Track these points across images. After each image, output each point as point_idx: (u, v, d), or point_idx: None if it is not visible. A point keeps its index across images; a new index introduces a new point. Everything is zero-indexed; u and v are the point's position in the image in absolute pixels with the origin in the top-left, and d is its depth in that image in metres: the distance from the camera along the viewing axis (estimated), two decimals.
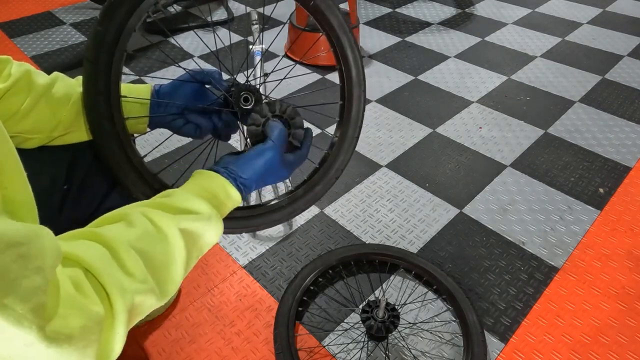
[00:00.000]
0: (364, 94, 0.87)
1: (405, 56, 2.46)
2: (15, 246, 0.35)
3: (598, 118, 2.00)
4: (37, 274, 0.36)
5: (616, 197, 1.59)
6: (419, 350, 1.13)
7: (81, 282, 0.44)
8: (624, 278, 1.31)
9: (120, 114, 0.68)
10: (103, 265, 0.46)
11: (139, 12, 0.66)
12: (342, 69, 0.85)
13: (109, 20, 0.64)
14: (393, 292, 1.26)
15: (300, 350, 1.11)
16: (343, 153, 0.88)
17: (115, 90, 0.67)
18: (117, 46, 0.65)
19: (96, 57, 0.64)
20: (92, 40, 0.64)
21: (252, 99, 0.77)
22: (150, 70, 2.28)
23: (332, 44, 0.84)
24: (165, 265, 0.53)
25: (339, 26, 0.82)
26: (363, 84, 0.87)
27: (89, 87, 0.66)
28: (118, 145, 0.68)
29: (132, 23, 0.66)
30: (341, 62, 0.85)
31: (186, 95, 0.79)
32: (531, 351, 1.14)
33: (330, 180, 0.88)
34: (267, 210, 0.82)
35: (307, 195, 0.86)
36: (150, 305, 0.51)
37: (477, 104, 2.08)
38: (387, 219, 1.49)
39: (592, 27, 2.79)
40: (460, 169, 1.70)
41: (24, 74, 0.67)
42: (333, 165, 0.88)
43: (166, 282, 0.53)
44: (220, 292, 1.26)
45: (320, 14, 0.81)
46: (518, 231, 1.45)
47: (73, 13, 2.89)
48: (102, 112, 0.66)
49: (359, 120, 0.88)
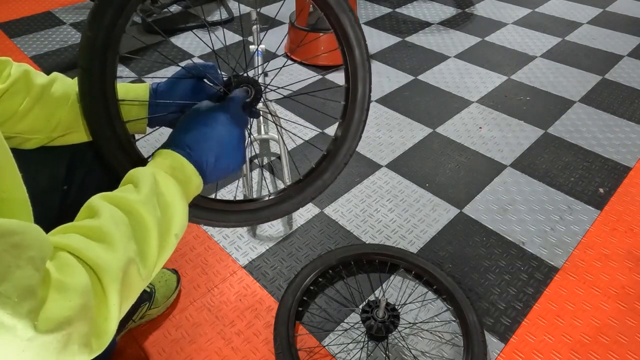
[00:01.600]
0: (369, 75, 0.84)
1: (405, 56, 2.46)
2: (8, 235, 0.35)
3: (598, 118, 2.00)
4: (29, 264, 0.36)
5: (616, 197, 1.59)
6: (419, 350, 1.13)
7: (65, 259, 0.44)
8: (624, 278, 1.31)
9: (119, 118, 0.67)
10: (82, 245, 0.46)
11: (127, 12, 0.64)
12: (345, 49, 0.82)
13: (98, 24, 0.62)
14: (393, 292, 1.26)
15: (300, 350, 1.11)
16: (350, 138, 0.85)
17: (112, 95, 0.65)
18: (109, 50, 0.63)
19: (89, 64, 0.63)
20: (83, 47, 0.62)
21: (252, 91, 0.77)
22: (150, 70, 2.28)
23: (332, 25, 0.80)
24: (141, 239, 0.52)
25: (338, 5, 0.78)
26: (367, 64, 0.83)
27: (86, 94, 0.64)
28: (120, 148, 0.67)
29: (121, 24, 0.63)
30: (343, 42, 0.81)
31: (184, 92, 0.78)
32: (531, 351, 1.13)
33: (339, 166, 0.86)
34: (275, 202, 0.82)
35: (315, 183, 0.84)
36: (134, 278, 0.50)
37: (477, 104, 2.08)
38: (387, 219, 1.49)
39: (592, 27, 2.79)
40: (460, 169, 1.70)
41: (23, 74, 0.66)
42: (341, 151, 0.86)
43: (144, 254, 0.52)
44: (220, 292, 1.26)
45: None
46: (518, 231, 1.45)
47: (73, 13, 2.89)
48: (101, 118, 0.65)
49: (366, 103, 0.85)
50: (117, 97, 0.67)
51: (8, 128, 0.66)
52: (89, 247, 0.46)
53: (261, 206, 0.82)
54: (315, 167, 0.86)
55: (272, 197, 0.83)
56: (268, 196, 0.83)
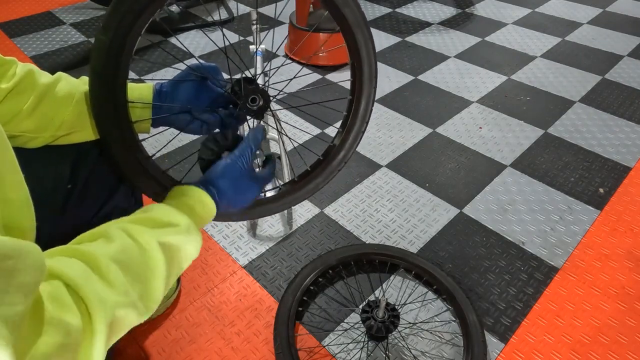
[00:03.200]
0: (374, 91, 0.85)
1: (405, 56, 2.46)
2: (1, 259, 0.34)
3: (598, 118, 2.00)
4: (19, 292, 0.35)
5: (616, 197, 1.59)
6: (419, 350, 1.13)
7: (60, 294, 0.42)
8: (624, 278, 1.31)
9: (128, 120, 0.67)
10: (82, 278, 0.45)
11: (145, 17, 0.62)
12: (355, 65, 0.82)
13: (114, 28, 0.60)
14: (393, 292, 1.26)
15: (300, 350, 1.11)
16: (348, 147, 0.87)
17: (122, 98, 0.66)
18: (123, 54, 0.62)
19: (102, 68, 0.62)
20: (96, 51, 0.62)
21: (259, 100, 0.77)
22: (150, 70, 2.28)
23: (345, 39, 0.80)
24: (146, 279, 0.53)
25: (354, 21, 0.77)
26: (374, 81, 0.84)
27: (96, 96, 0.65)
28: (127, 149, 0.68)
29: (137, 28, 0.62)
30: (354, 58, 0.82)
31: (188, 92, 0.78)
32: (531, 351, 1.14)
33: (334, 171, 0.87)
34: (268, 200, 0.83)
35: (308, 185, 0.86)
36: (131, 321, 0.50)
37: (477, 104, 2.08)
38: (387, 219, 1.49)
39: (592, 27, 2.79)
40: (460, 169, 1.70)
41: (27, 73, 0.67)
42: (337, 158, 0.87)
43: (148, 296, 0.52)
44: (220, 292, 1.26)
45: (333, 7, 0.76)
46: (518, 231, 1.45)
47: (73, 13, 2.89)
48: (110, 120, 0.66)
49: (367, 116, 0.87)
50: (127, 99, 0.67)
51: (13, 127, 0.66)
52: (87, 283, 0.45)
53: (254, 203, 0.83)
54: (310, 170, 0.87)
55: (265, 196, 0.84)
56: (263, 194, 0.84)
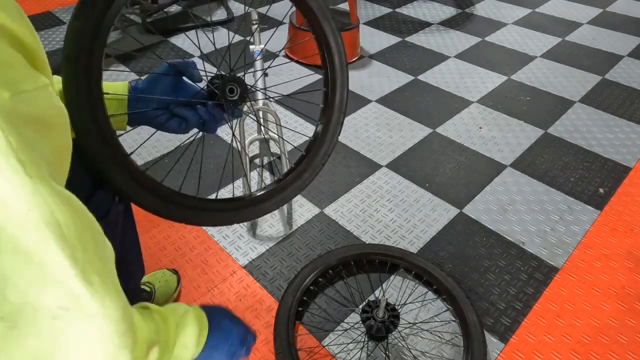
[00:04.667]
0: (347, 80, 0.88)
1: (405, 56, 2.46)
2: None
3: (598, 118, 2.00)
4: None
5: (616, 197, 1.59)
6: (419, 350, 1.13)
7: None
8: (624, 278, 1.31)
9: (103, 111, 0.66)
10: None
11: (118, 4, 0.63)
12: (325, 55, 0.85)
13: (87, 14, 0.61)
14: (393, 292, 1.26)
15: (300, 350, 1.11)
16: (329, 139, 0.89)
17: (97, 88, 0.64)
18: (97, 41, 0.62)
19: (76, 55, 0.62)
20: (70, 37, 0.61)
21: (237, 90, 0.76)
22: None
23: (314, 32, 0.84)
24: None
25: (321, 13, 0.82)
26: (346, 70, 0.87)
27: (70, 86, 0.63)
28: (103, 143, 0.66)
29: (110, 15, 0.63)
30: (324, 49, 0.85)
31: (164, 89, 0.77)
32: (531, 351, 1.14)
33: (318, 166, 0.89)
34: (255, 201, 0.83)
35: (295, 182, 0.86)
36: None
37: (477, 104, 2.08)
38: (387, 219, 1.49)
39: (592, 27, 2.79)
40: (460, 169, 1.70)
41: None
42: (320, 151, 0.88)
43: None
44: (220, 292, 1.26)
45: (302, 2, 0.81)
46: (518, 231, 1.45)
47: None
48: (85, 111, 0.64)
49: (343, 106, 0.89)
50: (102, 90, 0.66)
51: None
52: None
53: (241, 205, 0.82)
54: (294, 166, 0.87)
55: (252, 197, 0.83)
56: (249, 195, 0.83)
